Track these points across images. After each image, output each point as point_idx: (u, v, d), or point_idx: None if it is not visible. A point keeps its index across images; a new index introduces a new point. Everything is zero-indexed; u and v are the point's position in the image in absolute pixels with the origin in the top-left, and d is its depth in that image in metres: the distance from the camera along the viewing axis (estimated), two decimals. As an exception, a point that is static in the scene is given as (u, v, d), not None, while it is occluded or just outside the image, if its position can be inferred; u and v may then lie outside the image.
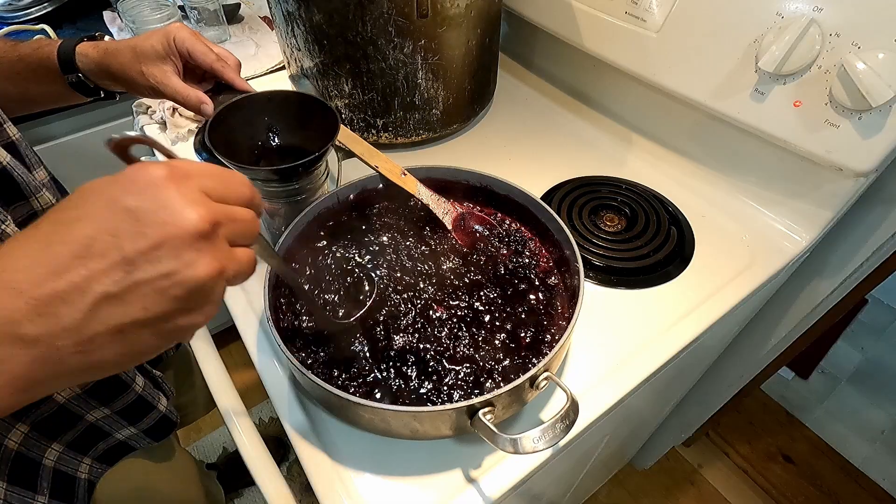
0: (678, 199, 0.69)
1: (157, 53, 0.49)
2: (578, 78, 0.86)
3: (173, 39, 0.49)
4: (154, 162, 0.26)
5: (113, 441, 0.60)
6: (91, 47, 0.52)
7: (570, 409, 0.39)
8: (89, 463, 0.58)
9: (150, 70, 0.49)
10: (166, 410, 0.63)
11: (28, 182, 0.47)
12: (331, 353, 0.47)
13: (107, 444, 0.59)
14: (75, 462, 0.56)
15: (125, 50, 0.50)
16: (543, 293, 0.52)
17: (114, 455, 0.61)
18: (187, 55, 0.50)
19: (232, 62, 0.53)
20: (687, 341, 0.54)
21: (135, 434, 0.61)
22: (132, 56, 0.50)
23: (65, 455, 0.54)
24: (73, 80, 0.53)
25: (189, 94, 0.50)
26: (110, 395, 0.55)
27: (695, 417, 1.19)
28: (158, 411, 0.62)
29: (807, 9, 0.51)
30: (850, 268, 0.69)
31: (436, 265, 0.54)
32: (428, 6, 0.62)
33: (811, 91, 0.53)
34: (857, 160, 0.53)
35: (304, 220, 0.53)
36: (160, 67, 0.49)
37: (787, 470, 1.41)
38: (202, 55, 0.50)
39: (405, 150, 0.78)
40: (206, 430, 1.46)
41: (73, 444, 0.55)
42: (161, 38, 0.49)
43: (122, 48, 0.51)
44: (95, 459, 0.59)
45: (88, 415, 0.54)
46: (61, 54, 0.52)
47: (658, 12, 0.64)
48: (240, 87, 0.53)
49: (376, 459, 0.46)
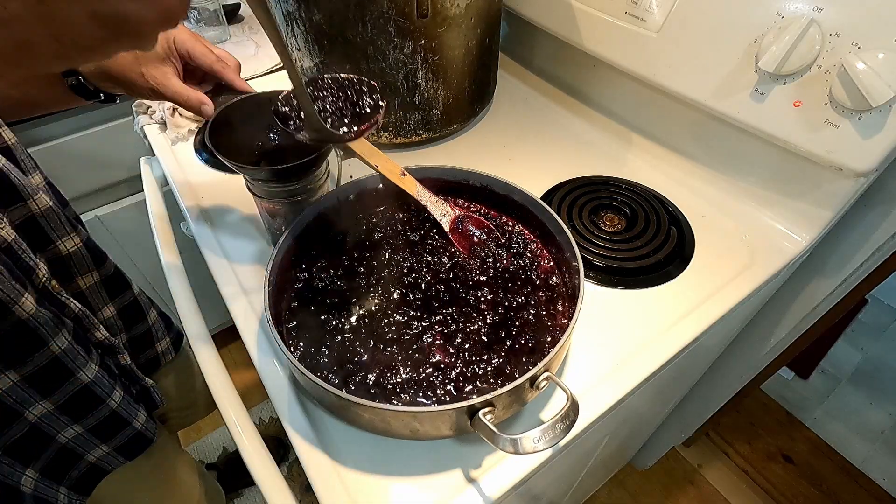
0: (678, 199, 0.69)
1: (157, 55, 0.49)
2: (578, 78, 0.86)
3: (173, 41, 0.49)
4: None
5: (84, 465, 0.58)
6: None
7: (570, 409, 0.39)
8: (66, 493, 0.57)
9: (150, 72, 0.49)
10: (142, 427, 0.61)
11: (25, 185, 0.47)
12: (331, 354, 0.47)
13: (79, 470, 0.58)
14: (52, 491, 0.55)
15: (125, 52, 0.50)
16: (544, 293, 0.52)
17: (87, 482, 0.60)
18: (187, 56, 0.50)
19: (232, 63, 0.53)
20: (687, 341, 0.54)
21: (106, 454, 0.59)
22: (132, 58, 0.49)
23: (41, 483, 0.53)
24: (72, 83, 0.52)
25: (190, 95, 0.49)
26: (83, 411, 0.54)
27: (695, 417, 1.19)
28: (133, 428, 0.60)
29: (807, 9, 0.51)
30: (850, 268, 0.69)
31: (436, 265, 0.54)
32: (428, 6, 0.62)
33: (811, 91, 0.53)
34: (857, 160, 0.53)
35: (304, 220, 0.53)
36: (160, 69, 0.49)
37: (787, 470, 1.41)
38: (202, 56, 0.50)
39: (405, 150, 0.78)
40: (206, 430, 1.46)
41: (47, 470, 0.54)
42: (160, 40, 0.49)
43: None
44: (70, 489, 0.58)
45: (60, 435, 0.53)
46: None
47: (658, 12, 0.64)
48: (240, 87, 0.53)
49: (376, 459, 0.46)
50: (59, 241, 0.53)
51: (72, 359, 0.50)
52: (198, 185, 0.72)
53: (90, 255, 0.57)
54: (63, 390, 0.50)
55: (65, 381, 0.50)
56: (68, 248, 0.54)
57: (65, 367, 0.49)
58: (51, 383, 0.49)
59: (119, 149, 1.05)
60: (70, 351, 0.49)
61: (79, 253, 0.55)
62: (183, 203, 0.70)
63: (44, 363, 0.47)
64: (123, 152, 1.05)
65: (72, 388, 0.51)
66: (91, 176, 1.07)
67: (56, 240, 0.52)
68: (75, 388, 0.51)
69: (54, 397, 0.50)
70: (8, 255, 0.43)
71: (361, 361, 0.46)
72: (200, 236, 0.65)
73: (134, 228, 1.16)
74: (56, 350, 0.48)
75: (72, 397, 0.51)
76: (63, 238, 0.53)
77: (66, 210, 0.58)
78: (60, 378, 0.50)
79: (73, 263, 0.56)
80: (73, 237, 0.54)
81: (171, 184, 0.73)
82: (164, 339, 0.74)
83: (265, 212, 0.57)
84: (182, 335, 0.78)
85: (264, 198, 0.55)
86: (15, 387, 0.46)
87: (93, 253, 0.58)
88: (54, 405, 0.51)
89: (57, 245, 0.53)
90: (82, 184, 1.06)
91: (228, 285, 0.59)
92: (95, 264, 0.58)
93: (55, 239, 0.52)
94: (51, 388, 0.49)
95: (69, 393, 0.51)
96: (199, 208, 0.69)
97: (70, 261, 0.55)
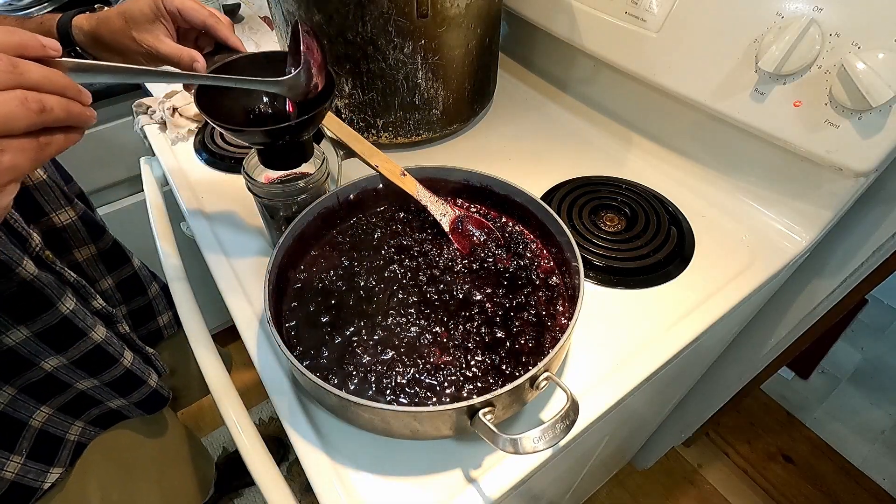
0: (678, 199, 0.69)
1: (146, 17, 0.48)
2: (578, 78, 0.86)
3: (162, 0, 0.48)
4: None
5: (106, 408, 0.61)
6: (85, 18, 0.51)
7: (570, 409, 0.39)
8: (81, 425, 0.59)
9: (141, 35, 0.48)
10: (157, 386, 0.64)
11: None
12: (331, 354, 0.47)
13: (100, 409, 0.61)
14: (65, 424, 0.57)
15: (114, 17, 0.49)
16: (544, 293, 0.52)
17: (108, 420, 0.63)
18: (177, 14, 0.48)
19: (225, 21, 0.51)
20: (687, 341, 0.54)
21: (126, 405, 0.62)
22: (122, 22, 0.48)
23: (55, 417, 0.55)
24: (71, 54, 0.51)
25: (182, 52, 0.48)
26: (97, 368, 0.56)
27: (695, 417, 1.19)
28: (149, 386, 0.63)
29: (807, 9, 0.51)
30: (850, 268, 0.69)
31: (435, 265, 0.54)
32: (428, 6, 0.62)
33: (811, 91, 0.53)
34: (857, 160, 0.53)
35: (304, 220, 0.53)
36: (151, 31, 0.48)
37: (787, 470, 1.41)
38: (193, 11, 0.48)
39: (405, 150, 0.78)
40: (206, 430, 1.46)
41: (65, 407, 0.56)
42: (149, 1, 0.48)
43: (112, 15, 0.49)
44: (88, 423, 0.60)
45: (78, 384, 0.55)
46: (60, 28, 0.51)
47: (658, 12, 0.64)
48: (233, 44, 0.51)
49: (376, 459, 0.46)
50: (53, 214, 0.53)
51: (81, 319, 0.51)
52: (198, 185, 0.72)
53: (86, 228, 0.58)
54: (77, 347, 0.52)
55: (77, 340, 0.52)
56: (63, 221, 0.55)
57: (76, 327, 0.51)
58: (64, 341, 0.51)
59: (119, 149, 1.05)
60: (79, 311, 0.51)
61: (73, 226, 0.56)
62: (183, 203, 0.70)
63: (54, 322, 0.49)
64: (123, 152, 1.05)
65: (85, 346, 0.53)
66: (91, 176, 1.07)
67: (50, 212, 0.53)
68: (89, 346, 0.53)
69: (68, 353, 0.52)
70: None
71: (361, 361, 0.46)
72: (200, 236, 0.65)
73: (134, 228, 1.16)
74: (65, 310, 0.49)
75: (86, 355, 0.54)
76: (57, 211, 0.54)
77: (70, 186, 0.58)
78: (72, 337, 0.52)
79: (69, 236, 0.57)
80: (67, 210, 0.55)
81: (171, 184, 0.73)
82: (167, 312, 0.76)
83: (265, 212, 0.57)
84: None
85: (264, 197, 0.55)
86: (28, 340, 0.48)
87: (89, 227, 0.59)
88: (69, 360, 0.52)
89: (51, 217, 0.53)
90: (82, 184, 1.04)
91: (228, 285, 0.59)
92: (92, 238, 0.59)
93: (49, 211, 0.53)
94: (64, 345, 0.51)
95: (83, 350, 0.53)
96: (199, 208, 0.69)
97: (65, 233, 0.56)
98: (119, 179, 1.10)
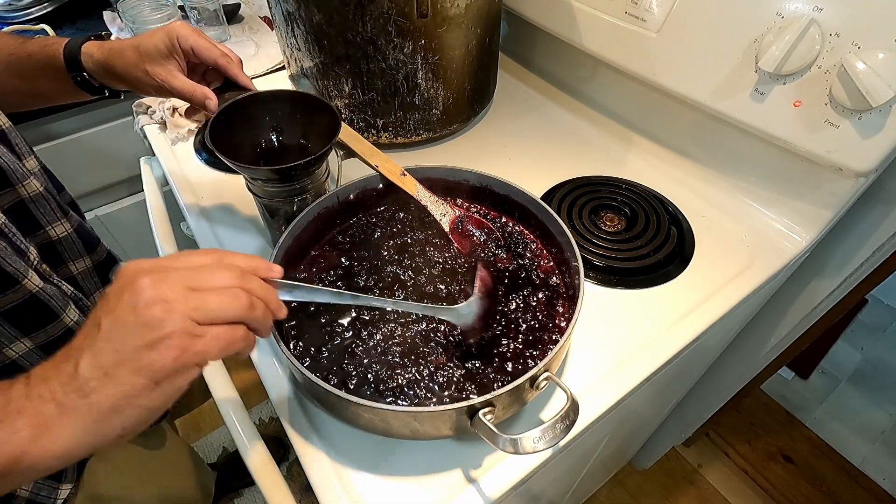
0: (678, 199, 0.69)
1: (161, 52, 0.49)
2: (578, 78, 0.86)
3: (176, 38, 0.49)
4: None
5: None
6: (96, 47, 0.52)
7: (570, 409, 0.39)
8: None
9: (154, 69, 0.49)
10: None
11: (15, 169, 0.47)
12: (331, 354, 0.47)
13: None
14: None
15: (128, 50, 0.51)
16: (544, 293, 0.52)
17: None
18: (190, 52, 0.50)
19: (235, 59, 0.53)
20: (687, 341, 0.54)
21: None
22: (136, 56, 0.50)
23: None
24: (78, 78, 0.53)
25: (195, 90, 0.50)
26: None
27: (695, 417, 1.19)
28: None
29: (807, 9, 0.51)
30: (850, 268, 0.69)
31: (435, 265, 0.54)
32: (428, 6, 0.62)
33: (811, 91, 0.53)
34: (857, 160, 0.53)
35: (304, 220, 0.53)
36: (164, 66, 0.50)
37: (787, 470, 1.41)
38: (206, 50, 0.50)
39: (405, 150, 0.78)
40: (206, 430, 1.46)
41: None
42: (164, 37, 0.49)
43: (126, 48, 0.51)
44: None
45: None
46: (67, 54, 0.52)
47: (658, 12, 0.64)
48: (243, 83, 0.53)
49: (376, 459, 0.46)
50: (48, 227, 0.54)
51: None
52: (198, 185, 0.72)
53: (81, 241, 0.58)
54: None
55: None
56: (58, 234, 0.55)
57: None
58: None
59: (119, 149, 1.05)
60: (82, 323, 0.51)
61: (69, 238, 0.56)
62: (183, 203, 0.70)
63: (57, 335, 0.49)
64: (123, 152, 1.05)
65: None
66: (91, 176, 1.07)
67: (46, 225, 0.53)
68: None
69: None
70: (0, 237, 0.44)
71: (361, 361, 0.46)
72: (200, 236, 0.65)
73: (134, 228, 1.16)
74: (69, 322, 0.50)
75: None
76: (53, 224, 0.54)
77: (62, 195, 0.58)
78: None
79: (64, 249, 0.57)
80: (63, 223, 0.55)
81: (171, 184, 0.73)
82: None
83: (265, 212, 0.57)
84: None
85: (264, 198, 0.55)
86: (31, 353, 0.48)
87: (84, 239, 0.59)
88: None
89: (47, 230, 0.54)
90: (82, 184, 1.06)
91: (228, 285, 0.59)
92: (87, 250, 0.59)
93: (45, 224, 0.53)
94: None
95: None
96: (199, 208, 0.69)
97: (60, 246, 0.56)
98: (119, 179, 1.10)
